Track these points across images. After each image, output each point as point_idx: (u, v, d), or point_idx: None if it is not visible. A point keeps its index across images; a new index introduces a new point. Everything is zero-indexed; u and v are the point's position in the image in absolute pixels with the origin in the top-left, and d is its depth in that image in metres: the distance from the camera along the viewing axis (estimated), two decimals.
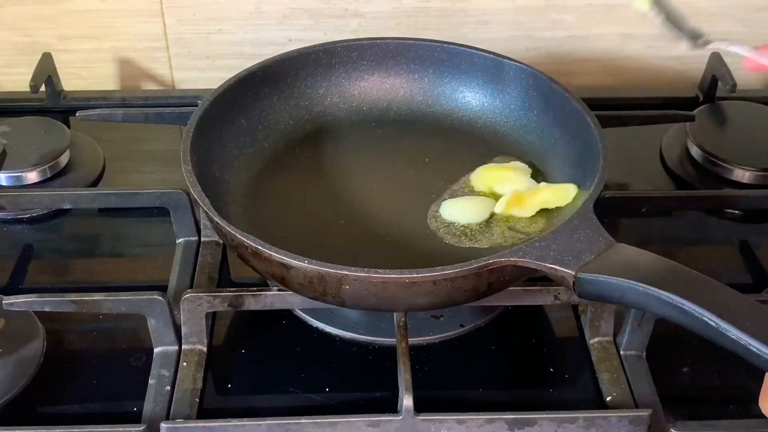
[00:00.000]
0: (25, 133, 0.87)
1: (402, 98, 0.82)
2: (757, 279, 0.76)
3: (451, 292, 0.60)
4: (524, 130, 0.79)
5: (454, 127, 0.81)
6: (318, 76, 0.81)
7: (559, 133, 0.76)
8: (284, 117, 0.79)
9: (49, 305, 0.65)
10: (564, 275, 0.57)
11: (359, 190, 0.75)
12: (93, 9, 0.93)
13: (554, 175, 0.74)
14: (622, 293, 0.56)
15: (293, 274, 0.60)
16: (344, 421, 0.60)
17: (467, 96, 0.82)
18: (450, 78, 0.82)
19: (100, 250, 0.79)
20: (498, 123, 0.80)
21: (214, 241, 0.76)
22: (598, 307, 0.66)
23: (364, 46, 0.81)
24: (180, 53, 0.96)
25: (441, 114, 0.82)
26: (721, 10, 0.94)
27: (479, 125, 0.81)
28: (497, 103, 0.81)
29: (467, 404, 0.63)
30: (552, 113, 0.77)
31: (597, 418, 0.60)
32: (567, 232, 0.60)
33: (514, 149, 0.78)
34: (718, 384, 0.66)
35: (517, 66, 0.79)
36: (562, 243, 0.59)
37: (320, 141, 0.80)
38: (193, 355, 0.66)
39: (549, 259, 0.58)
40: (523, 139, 0.79)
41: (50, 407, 0.64)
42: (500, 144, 0.79)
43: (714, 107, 0.93)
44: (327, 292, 0.60)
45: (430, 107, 0.82)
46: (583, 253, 0.58)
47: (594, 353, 0.67)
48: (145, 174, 0.88)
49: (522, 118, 0.79)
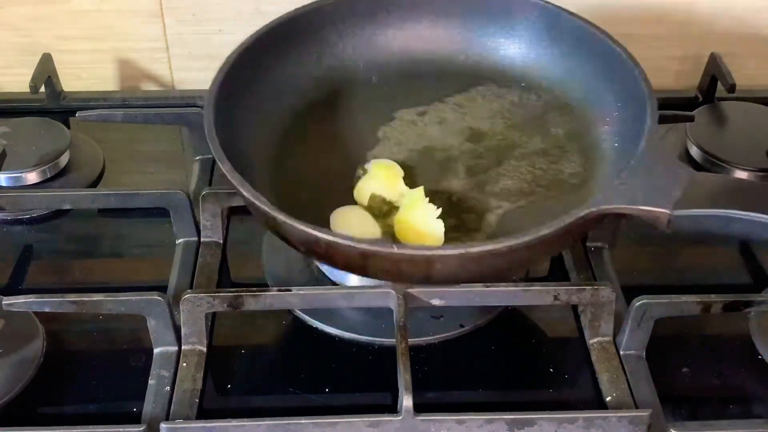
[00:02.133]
0: (24, 134, 0.87)
1: (430, 48, 0.79)
2: (757, 279, 0.76)
3: (539, 253, 0.59)
4: (539, 66, 0.77)
5: (483, 77, 0.79)
6: (338, 28, 0.78)
7: (582, 63, 0.75)
8: (303, 76, 0.77)
9: (48, 306, 0.65)
10: (658, 215, 0.56)
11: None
12: (93, 9, 0.93)
13: (599, 118, 0.72)
14: (724, 224, 0.55)
15: (375, 262, 0.58)
16: (344, 422, 0.60)
17: (494, 44, 0.78)
18: (474, 26, 0.79)
19: (100, 251, 0.79)
20: (510, 63, 0.78)
21: (214, 242, 0.76)
22: (598, 307, 0.66)
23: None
24: (180, 54, 0.96)
25: (470, 65, 0.79)
26: (721, 11, 0.94)
27: (510, 76, 0.78)
28: (506, 43, 0.78)
29: (467, 404, 0.63)
30: (566, 44, 0.76)
31: (597, 418, 0.60)
32: (644, 168, 0.58)
33: (536, 88, 0.77)
34: (718, 384, 0.66)
35: (521, 1, 0.77)
36: (644, 181, 0.57)
37: (342, 101, 0.78)
38: (193, 356, 0.66)
39: (640, 201, 0.56)
40: (542, 77, 0.77)
41: (50, 407, 0.64)
42: (520, 86, 0.77)
43: (713, 107, 0.93)
44: (414, 274, 0.59)
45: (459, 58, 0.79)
46: (671, 188, 0.56)
47: (594, 353, 0.67)
48: (144, 174, 0.88)
49: (532, 52, 0.78)
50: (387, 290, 0.64)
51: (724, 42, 0.95)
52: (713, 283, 0.74)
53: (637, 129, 0.64)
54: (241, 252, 0.77)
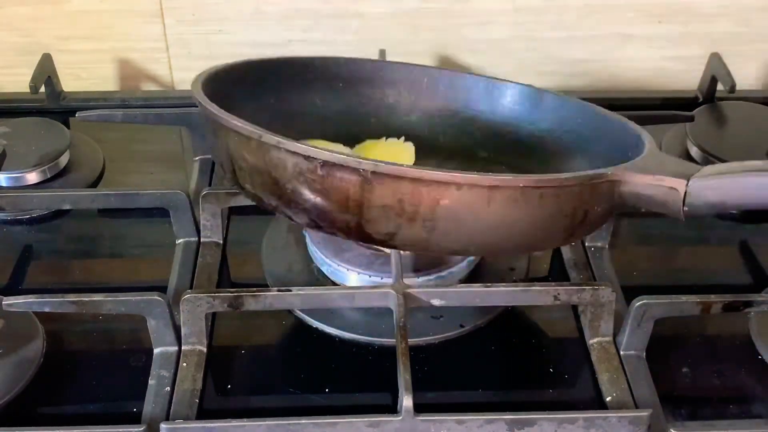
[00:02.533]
0: (24, 134, 0.87)
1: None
2: (757, 279, 0.76)
3: (550, 212, 0.56)
4: (533, 141, 0.77)
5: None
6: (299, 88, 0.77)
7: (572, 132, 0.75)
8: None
9: (48, 306, 0.65)
10: (673, 185, 0.55)
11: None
12: (93, 9, 0.93)
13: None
14: (742, 192, 0.54)
15: (378, 194, 0.54)
16: (344, 422, 0.60)
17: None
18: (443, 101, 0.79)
19: (100, 251, 0.79)
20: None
21: (214, 242, 0.76)
22: (598, 307, 0.66)
23: (340, 62, 0.78)
24: (180, 54, 0.96)
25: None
26: (721, 10, 0.94)
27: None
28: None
29: (467, 404, 0.63)
30: (549, 116, 0.76)
31: (597, 418, 0.60)
32: (655, 155, 0.60)
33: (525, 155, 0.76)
34: (718, 384, 0.66)
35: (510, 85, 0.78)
36: (658, 161, 0.58)
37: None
38: (193, 356, 0.66)
39: (654, 170, 0.57)
40: (532, 150, 0.77)
41: (50, 408, 0.64)
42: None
43: (713, 107, 0.93)
44: (417, 216, 0.55)
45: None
46: (683, 167, 0.57)
47: (594, 353, 0.67)
48: (144, 175, 0.88)
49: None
50: (387, 290, 0.65)
51: (724, 42, 0.95)
52: (713, 283, 0.74)
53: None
54: (241, 252, 0.77)
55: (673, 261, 0.79)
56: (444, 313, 0.70)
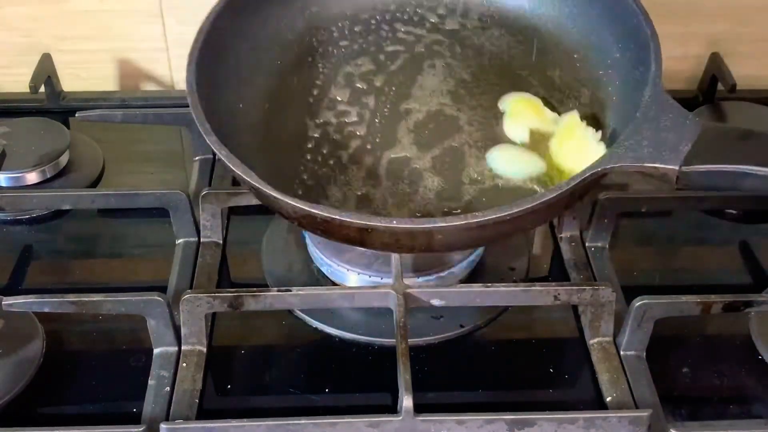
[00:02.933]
0: (24, 134, 0.87)
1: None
2: (757, 279, 0.75)
3: (545, 214, 0.58)
4: (533, 6, 0.74)
5: (488, 22, 0.75)
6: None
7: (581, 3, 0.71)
8: (284, 29, 0.73)
9: (48, 306, 0.65)
10: (666, 171, 0.54)
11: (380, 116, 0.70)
12: (93, 9, 0.93)
13: (600, 59, 0.69)
14: (736, 180, 0.54)
15: (375, 236, 0.57)
16: (344, 422, 0.60)
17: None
18: None
19: (100, 251, 0.79)
20: (503, 4, 0.75)
21: (214, 242, 0.76)
22: (598, 307, 0.66)
23: None
24: (180, 54, 0.96)
25: (475, 9, 0.76)
26: (721, 11, 0.94)
27: (513, 21, 0.75)
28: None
29: (467, 404, 0.63)
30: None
31: (597, 418, 0.60)
32: (650, 122, 0.56)
33: (532, 29, 0.73)
34: (718, 384, 0.66)
35: None
36: (651, 136, 0.56)
37: (328, 54, 0.74)
38: (193, 356, 0.66)
39: (646, 157, 0.55)
40: (534, 17, 0.74)
41: (50, 408, 0.64)
42: (507, 27, 0.74)
43: (714, 107, 0.93)
44: (416, 246, 0.58)
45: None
46: (678, 143, 0.55)
47: (594, 354, 0.67)
48: (144, 175, 0.88)
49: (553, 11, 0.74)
50: (387, 290, 0.65)
51: (724, 42, 0.95)
52: (713, 283, 0.74)
53: (641, 74, 0.61)
54: (241, 252, 0.77)
55: (673, 261, 0.79)
56: (444, 313, 0.70)
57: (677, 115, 0.57)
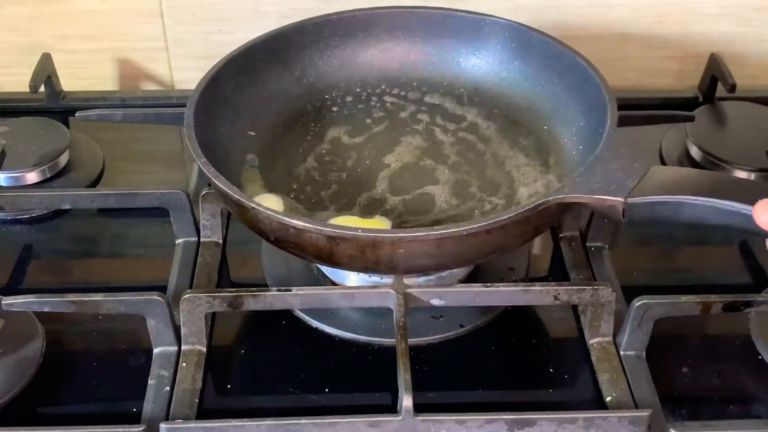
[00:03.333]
0: (24, 134, 0.87)
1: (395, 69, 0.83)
2: (757, 279, 0.76)
3: (503, 239, 0.62)
4: (509, 83, 0.80)
5: (456, 93, 0.82)
6: (319, 47, 0.81)
7: (551, 79, 0.77)
8: (283, 92, 0.80)
9: (48, 306, 0.65)
10: (613, 203, 0.59)
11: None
12: (92, 9, 0.93)
13: (566, 128, 0.75)
14: (676, 210, 0.58)
15: (342, 248, 0.61)
16: (344, 422, 0.60)
17: (468, 63, 0.82)
18: (423, 43, 0.82)
19: (100, 251, 0.79)
20: (482, 81, 0.81)
21: (214, 242, 0.76)
22: (598, 307, 0.66)
23: (332, 21, 0.81)
24: (179, 53, 0.96)
25: (423, 80, 0.82)
26: (721, 10, 0.94)
27: (464, 87, 0.82)
28: (478, 62, 0.82)
29: (467, 404, 0.63)
30: (536, 61, 0.79)
31: (597, 418, 0.60)
32: (602, 164, 0.62)
33: (507, 104, 0.80)
34: (718, 384, 0.66)
35: (492, 21, 0.80)
36: (601, 174, 0.61)
37: (322, 116, 0.81)
38: (193, 356, 0.66)
39: (595, 190, 0.60)
40: (509, 92, 0.80)
41: (50, 407, 0.64)
42: (492, 102, 0.80)
43: (714, 107, 0.93)
44: (380, 260, 0.61)
45: (408, 75, 0.83)
46: (625, 180, 0.60)
47: (594, 353, 0.67)
48: (144, 174, 0.88)
49: (504, 70, 0.81)
50: (387, 290, 0.64)
51: (724, 42, 0.95)
52: (713, 283, 0.74)
53: (600, 135, 0.66)
54: (241, 252, 0.77)
55: (673, 261, 0.79)
56: (444, 313, 0.70)
57: (627, 159, 0.62)
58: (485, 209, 0.70)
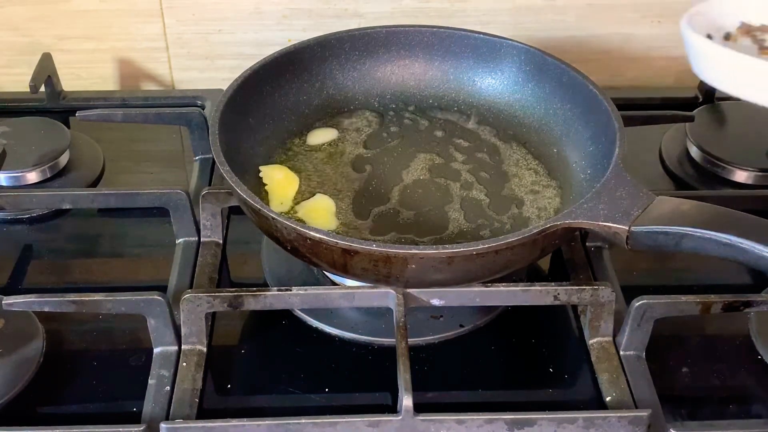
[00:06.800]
0: (24, 134, 0.87)
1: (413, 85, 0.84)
2: (757, 279, 0.75)
3: (510, 260, 0.63)
4: (522, 105, 0.81)
5: (470, 113, 0.83)
6: (313, 69, 0.81)
7: (563, 104, 0.78)
8: (303, 102, 0.81)
9: (48, 305, 0.65)
10: (617, 231, 0.61)
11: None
12: (93, 9, 0.93)
13: (575, 152, 0.76)
14: (677, 240, 0.60)
15: (356, 261, 0.61)
16: (344, 422, 0.60)
17: (483, 83, 0.83)
18: (441, 61, 0.83)
19: (100, 250, 0.79)
20: (496, 101, 0.82)
21: (214, 242, 0.76)
22: (598, 307, 0.67)
23: (354, 36, 0.82)
24: (179, 53, 0.96)
25: (438, 98, 0.84)
26: None
27: (477, 106, 0.83)
28: (494, 82, 0.83)
29: (467, 404, 0.63)
30: (549, 86, 0.79)
31: (596, 418, 0.60)
32: (608, 191, 0.63)
33: (519, 125, 0.81)
34: (718, 384, 0.66)
35: (509, 44, 0.81)
36: (607, 202, 0.62)
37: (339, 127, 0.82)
38: (193, 356, 0.66)
39: (600, 218, 0.61)
40: (522, 114, 0.81)
41: (50, 407, 0.64)
42: (505, 122, 0.81)
43: (714, 107, 0.93)
44: (392, 273, 0.62)
45: (425, 92, 0.84)
46: (630, 208, 0.62)
47: (593, 353, 0.67)
48: (144, 174, 0.88)
49: (517, 92, 0.81)
50: (387, 290, 0.65)
51: None
52: (713, 283, 0.74)
53: (608, 162, 0.67)
54: (241, 252, 0.77)
55: (673, 261, 0.78)
56: (444, 313, 0.70)
57: (633, 189, 0.63)
58: (494, 227, 0.71)
